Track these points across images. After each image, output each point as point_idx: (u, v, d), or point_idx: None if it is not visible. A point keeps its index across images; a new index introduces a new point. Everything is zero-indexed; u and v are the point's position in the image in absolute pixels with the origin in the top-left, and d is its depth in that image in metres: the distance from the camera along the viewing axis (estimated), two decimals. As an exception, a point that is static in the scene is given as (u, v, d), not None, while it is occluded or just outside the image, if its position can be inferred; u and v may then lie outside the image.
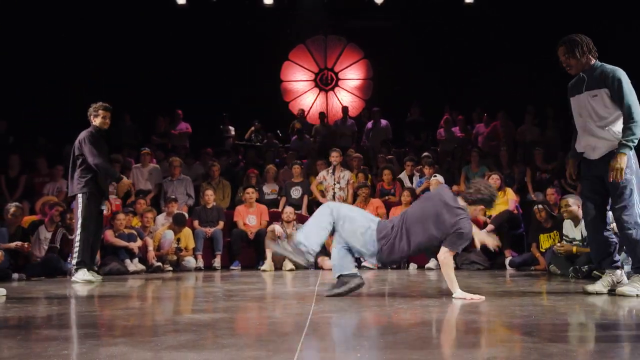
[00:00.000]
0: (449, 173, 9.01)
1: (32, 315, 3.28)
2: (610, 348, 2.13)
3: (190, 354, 2.05)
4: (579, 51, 3.84)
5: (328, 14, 12.79)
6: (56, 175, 8.30)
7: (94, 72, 10.93)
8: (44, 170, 8.54)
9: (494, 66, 11.78)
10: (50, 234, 6.83)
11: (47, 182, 8.29)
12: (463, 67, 12.41)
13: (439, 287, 4.92)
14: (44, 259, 6.57)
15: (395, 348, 2.17)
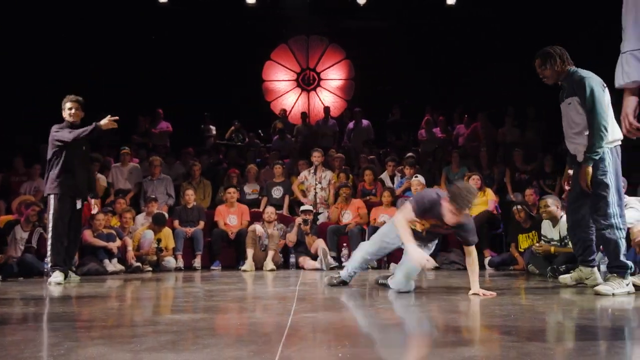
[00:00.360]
0: (429, 173, 9.06)
1: (7, 317, 3.23)
2: (587, 346, 2.15)
3: (171, 355, 2.04)
4: (551, 62, 4.04)
5: (310, 14, 12.78)
6: (33, 174, 8.18)
7: (73, 70, 10.76)
8: (20, 170, 8.42)
9: (475, 67, 11.89)
10: (26, 233, 6.74)
11: (24, 181, 8.17)
12: (444, 68, 12.51)
13: (418, 286, 4.96)
14: (20, 259, 6.48)
15: (376, 347, 2.17)
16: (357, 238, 7.35)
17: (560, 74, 4.06)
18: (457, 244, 6.97)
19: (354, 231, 7.44)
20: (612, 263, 3.93)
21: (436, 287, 4.81)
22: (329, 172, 8.54)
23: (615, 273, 3.89)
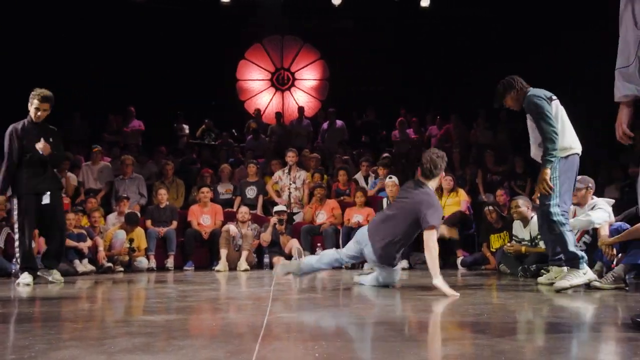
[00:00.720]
0: (403, 174, 9.12)
1: None
2: (559, 344, 2.20)
3: (145, 357, 2.01)
4: (510, 94, 4.46)
5: (285, 14, 12.78)
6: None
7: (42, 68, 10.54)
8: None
9: (448, 70, 12.05)
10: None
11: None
12: (417, 70, 12.64)
13: (392, 285, 5.01)
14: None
15: (352, 346, 2.19)
16: (331, 238, 7.39)
17: (520, 100, 4.42)
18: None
19: (328, 231, 7.46)
20: (564, 256, 4.21)
21: (409, 286, 4.85)
22: (303, 172, 8.54)
23: (569, 266, 4.14)
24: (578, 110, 9.46)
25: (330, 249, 7.21)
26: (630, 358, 1.95)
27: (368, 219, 7.54)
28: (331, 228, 7.51)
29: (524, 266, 5.46)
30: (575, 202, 5.04)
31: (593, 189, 5.07)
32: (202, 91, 12.53)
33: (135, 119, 10.91)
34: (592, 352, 2.11)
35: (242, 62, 14.07)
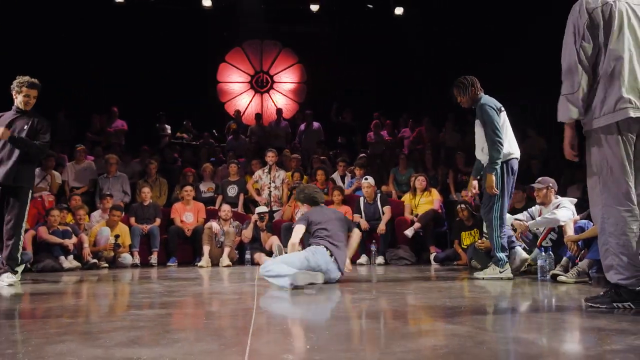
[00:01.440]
0: (378, 174, 9.47)
1: None
2: (533, 334, 2.34)
3: (143, 350, 2.02)
4: (465, 91, 4.88)
5: (265, 19, 13.06)
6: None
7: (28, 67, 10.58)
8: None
9: (420, 75, 12.45)
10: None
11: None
12: (391, 75, 13.03)
13: (369, 280, 5.27)
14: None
15: (341, 339, 2.26)
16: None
17: (473, 100, 4.88)
18: (405, 240, 7.41)
19: (308, 228, 7.73)
20: (492, 252, 4.89)
21: (386, 281, 5.03)
22: (283, 171, 8.80)
23: (493, 262, 4.86)
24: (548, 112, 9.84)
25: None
26: (598, 346, 2.08)
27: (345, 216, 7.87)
28: (310, 225, 7.78)
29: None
30: (539, 201, 5.43)
31: (555, 188, 5.43)
32: (183, 92, 12.70)
33: (118, 119, 11.04)
34: (561, 341, 2.24)
35: (222, 65, 14.28)
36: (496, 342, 2.14)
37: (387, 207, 7.67)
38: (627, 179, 2.80)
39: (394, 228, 7.64)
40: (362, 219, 7.62)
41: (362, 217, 7.68)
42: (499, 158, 4.65)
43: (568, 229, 4.90)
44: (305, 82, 14.52)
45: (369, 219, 7.65)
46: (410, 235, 7.31)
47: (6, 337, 2.37)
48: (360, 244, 7.37)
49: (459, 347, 2.03)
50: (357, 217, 7.68)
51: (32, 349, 2.06)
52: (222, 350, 2.07)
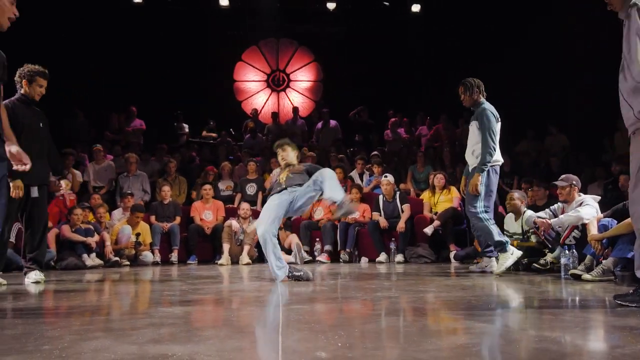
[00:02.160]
0: (395, 172, 9.46)
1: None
2: (560, 333, 2.31)
3: (175, 347, 2.03)
4: (471, 91, 5.23)
5: (281, 18, 13.11)
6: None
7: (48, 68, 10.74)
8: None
9: (437, 71, 12.40)
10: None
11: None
12: (407, 72, 12.99)
13: (390, 279, 5.24)
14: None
15: (371, 337, 2.25)
16: (329, 233, 7.69)
17: (475, 102, 5.22)
18: (425, 238, 7.40)
19: (327, 226, 7.76)
20: (493, 245, 5.13)
21: (407, 279, 4.99)
22: (301, 169, 8.81)
23: (499, 251, 5.07)
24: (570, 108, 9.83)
25: (328, 244, 7.60)
26: (631, 345, 2.03)
27: (364, 214, 7.89)
28: (329, 223, 7.82)
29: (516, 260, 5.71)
30: (562, 199, 5.38)
31: (578, 186, 5.38)
32: (201, 91, 12.80)
33: (137, 118, 11.15)
34: (593, 340, 2.22)
35: (239, 63, 14.34)
36: (528, 341, 2.12)
37: (406, 205, 7.66)
38: None
39: (413, 226, 7.64)
40: (381, 217, 7.62)
41: (381, 215, 7.68)
42: (489, 161, 5.03)
43: (592, 227, 4.84)
44: (321, 80, 14.52)
45: (388, 217, 7.65)
46: (429, 233, 7.29)
47: (40, 333, 2.38)
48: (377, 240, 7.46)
49: (491, 345, 2.02)
50: (376, 215, 7.69)
51: (67, 345, 2.07)
52: (255, 348, 2.09)
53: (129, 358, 1.91)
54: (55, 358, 1.89)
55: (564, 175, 5.44)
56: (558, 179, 5.49)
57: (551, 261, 5.34)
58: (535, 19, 10.80)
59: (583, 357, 1.89)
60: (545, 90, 10.43)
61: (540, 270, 5.35)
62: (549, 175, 8.44)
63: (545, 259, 5.42)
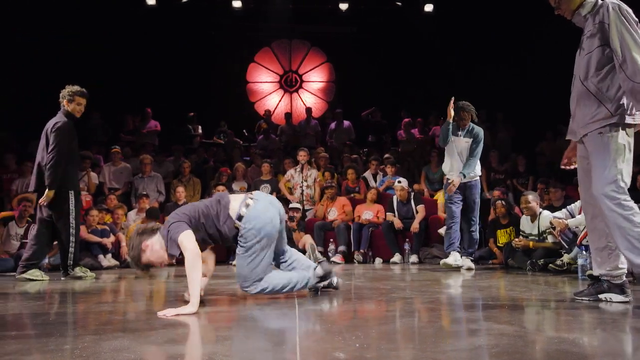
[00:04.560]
0: (409, 172, 9.46)
1: (17, 312, 3.23)
2: (584, 334, 2.32)
3: (196, 347, 2.07)
4: (470, 115, 6.04)
5: (293, 19, 13.14)
6: (25, 171, 8.26)
7: (61, 69, 10.84)
8: (12, 167, 8.48)
9: (450, 72, 12.35)
10: (22, 229, 6.88)
11: (15, 178, 8.26)
12: (419, 73, 12.95)
13: (404, 280, 5.23)
14: (16, 255, 6.63)
15: (389, 338, 2.25)
16: (343, 234, 7.68)
17: (466, 122, 6.00)
18: (439, 239, 7.36)
19: (340, 227, 7.75)
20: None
21: (422, 280, 4.99)
22: (314, 170, 8.84)
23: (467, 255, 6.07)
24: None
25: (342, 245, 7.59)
26: None
27: (378, 215, 7.88)
28: (343, 224, 7.81)
29: (532, 260, 5.63)
30: None
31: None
32: (214, 93, 12.87)
33: (152, 120, 11.23)
34: (614, 341, 2.19)
35: (252, 65, 14.39)
36: (547, 342, 2.12)
37: (420, 206, 7.64)
38: None
39: (428, 227, 7.61)
40: (395, 218, 7.60)
41: (395, 215, 7.66)
42: (469, 173, 5.85)
43: None
44: (333, 81, 14.53)
45: (402, 217, 7.63)
46: (444, 234, 7.24)
47: (61, 333, 2.42)
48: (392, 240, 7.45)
49: (511, 346, 2.01)
50: (390, 216, 7.67)
51: (87, 345, 2.10)
52: (274, 348, 2.08)
53: (149, 358, 1.93)
54: (76, 358, 1.91)
55: None
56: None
57: (568, 262, 5.29)
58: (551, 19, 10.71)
59: (604, 359, 1.87)
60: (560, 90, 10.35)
61: (556, 271, 5.31)
62: (564, 176, 8.36)
63: (562, 259, 5.37)
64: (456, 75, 12.06)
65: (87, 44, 11.36)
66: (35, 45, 10.80)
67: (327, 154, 9.81)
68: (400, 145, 11.48)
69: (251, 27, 13.46)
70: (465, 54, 12.34)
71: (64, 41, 11.14)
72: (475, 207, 6.03)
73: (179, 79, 12.48)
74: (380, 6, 13.00)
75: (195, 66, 12.85)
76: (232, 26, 13.03)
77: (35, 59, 10.81)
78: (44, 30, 10.86)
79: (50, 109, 5.68)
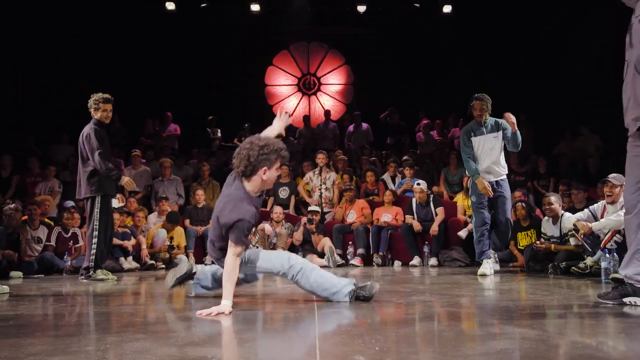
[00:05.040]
0: (428, 175, 9.40)
1: (41, 313, 3.27)
2: (609, 339, 2.31)
3: (215, 349, 2.06)
4: (487, 104, 5.69)
5: (311, 21, 13.17)
6: (48, 175, 8.41)
7: (83, 73, 11.02)
8: (35, 170, 8.64)
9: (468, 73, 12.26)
10: (36, 231, 6.96)
11: (39, 181, 8.40)
12: (438, 74, 12.89)
13: (424, 283, 5.20)
14: (39, 258, 6.73)
15: (408, 341, 2.24)
16: (362, 236, 7.68)
17: (484, 116, 5.69)
18: (459, 242, 7.32)
19: (359, 230, 7.74)
20: None
21: (441, 283, 4.96)
22: (333, 173, 8.84)
23: None
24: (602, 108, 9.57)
25: (361, 247, 7.59)
26: None
27: (396, 217, 7.85)
28: (362, 227, 7.80)
29: (554, 263, 5.56)
30: (610, 200, 5.23)
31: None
32: (232, 96, 12.96)
33: (172, 123, 11.34)
34: (633, 347, 2.13)
35: (270, 68, 14.44)
36: (570, 347, 2.08)
37: (440, 208, 7.59)
38: None
39: (447, 229, 7.56)
40: (415, 220, 7.57)
41: (414, 218, 7.63)
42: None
43: None
44: (352, 84, 14.52)
45: (422, 220, 7.59)
46: (464, 237, 7.21)
47: (83, 334, 2.45)
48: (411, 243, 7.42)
49: (533, 351, 1.98)
50: (409, 218, 7.64)
51: (110, 347, 2.12)
52: (292, 351, 2.09)
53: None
54: (99, 359, 1.93)
55: (616, 175, 5.22)
56: (608, 177, 5.30)
57: (591, 265, 5.21)
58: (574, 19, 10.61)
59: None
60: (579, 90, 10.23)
61: (579, 274, 5.23)
62: (586, 177, 8.26)
63: (584, 262, 5.29)
64: (474, 76, 11.97)
65: (107, 48, 11.51)
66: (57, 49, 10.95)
67: (346, 157, 9.81)
68: (419, 147, 11.43)
69: (269, 30, 13.53)
70: (484, 55, 12.24)
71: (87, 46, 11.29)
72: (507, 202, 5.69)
73: (199, 82, 12.59)
74: (398, 7, 12.96)
75: (215, 69, 12.96)
76: (250, 29, 13.09)
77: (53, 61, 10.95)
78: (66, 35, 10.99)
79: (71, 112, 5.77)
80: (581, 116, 10.30)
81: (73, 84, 10.62)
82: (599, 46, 9.56)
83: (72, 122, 5.91)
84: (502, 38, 11.91)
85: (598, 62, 9.72)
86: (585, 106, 10.18)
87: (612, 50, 3.05)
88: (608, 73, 3.51)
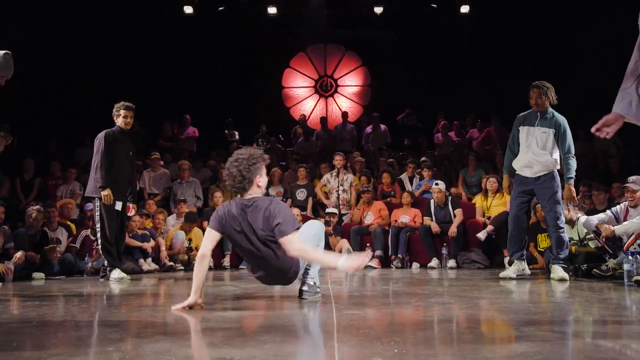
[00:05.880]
0: (446, 176, 9.33)
1: (63, 314, 3.30)
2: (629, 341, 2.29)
3: (234, 350, 2.06)
4: (545, 95, 5.02)
5: (328, 24, 13.19)
6: (69, 177, 8.53)
7: (103, 77, 11.15)
8: (57, 173, 8.77)
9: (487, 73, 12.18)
10: (55, 232, 7.04)
11: (60, 184, 8.52)
12: (456, 75, 12.81)
13: (442, 285, 5.16)
14: (61, 259, 6.81)
15: (428, 344, 2.23)
16: (380, 238, 7.64)
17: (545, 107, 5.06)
18: (478, 243, 7.26)
19: (377, 231, 7.71)
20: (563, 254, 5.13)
21: (460, 285, 4.92)
22: (351, 174, 8.83)
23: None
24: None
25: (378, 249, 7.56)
26: None
27: (415, 219, 7.81)
28: (380, 228, 7.77)
29: (575, 266, 5.48)
30: (632, 204, 5.16)
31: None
32: (250, 99, 13.02)
33: (190, 126, 11.43)
34: None
35: (287, 70, 14.50)
36: (592, 350, 2.05)
37: (458, 209, 7.54)
38: None
39: (466, 231, 7.50)
40: (433, 222, 7.52)
41: (433, 219, 7.58)
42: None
43: None
44: (369, 85, 14.50)
45: (440, 221, 7.54)
46: (482, 238, 7.14)
47: (104, 335, 2.49)
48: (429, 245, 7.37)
49: (554, 353, 1.96)
50: (427, 220, 7.60)
51: (130, 348, 2.15)
52: (311, 352, 2.12)
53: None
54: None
55: (635, 178, 5.15)
56: (628, 181, 5.23)
57: (613, 267, 5.13)
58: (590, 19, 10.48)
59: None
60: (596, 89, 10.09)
61: (601, 276, 5.15)
62: (607, 178, 8.13)
63: (606, 264, 5.21)
64: (492, 76, 11.89)
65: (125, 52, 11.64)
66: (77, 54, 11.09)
67: (363, 158, 9.79)
68: (437, 148, 11.37)
69: (286, 32, 13.57)
70: (502, 55, 12.14)
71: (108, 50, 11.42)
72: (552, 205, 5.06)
73: (216, 85, 12.67)
74: (415, 8, 12.91)
75: (232, 72, 13.03)
76: (267, 32, 13.15)
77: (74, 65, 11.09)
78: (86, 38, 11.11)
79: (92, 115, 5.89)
80: (595, 116, 10.15)
81: (94, 87, 10.76)
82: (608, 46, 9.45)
83: (94, 126, 5.97)
84: (523, 37, 11.81)
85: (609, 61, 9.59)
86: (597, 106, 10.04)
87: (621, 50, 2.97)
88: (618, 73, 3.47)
